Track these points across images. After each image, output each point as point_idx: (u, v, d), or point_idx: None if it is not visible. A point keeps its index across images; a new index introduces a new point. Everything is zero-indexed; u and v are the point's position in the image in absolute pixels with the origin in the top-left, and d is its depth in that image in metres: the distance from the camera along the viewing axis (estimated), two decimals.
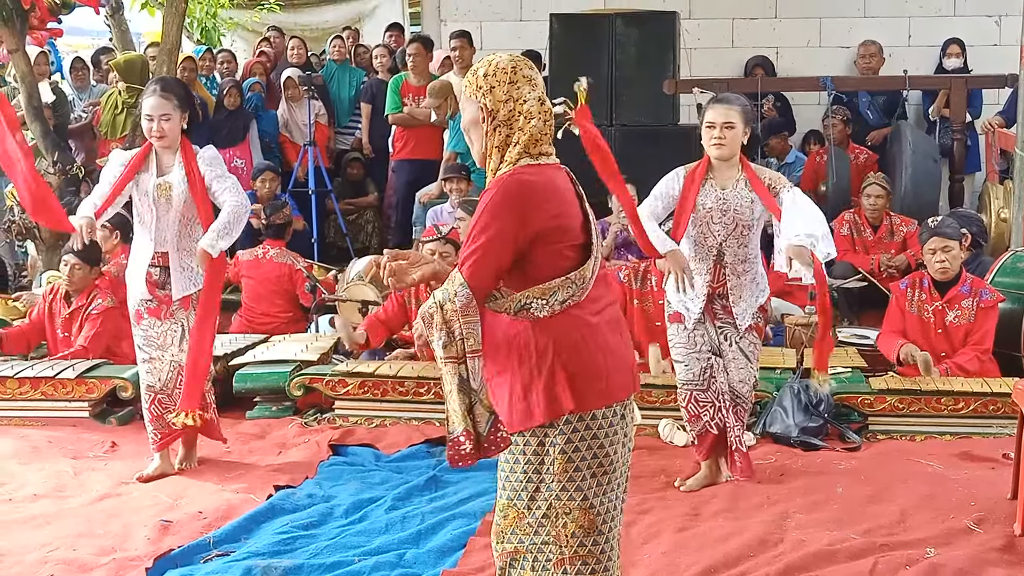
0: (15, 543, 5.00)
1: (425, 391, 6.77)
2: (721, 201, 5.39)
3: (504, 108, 3.28)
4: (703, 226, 5.43)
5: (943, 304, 6.94)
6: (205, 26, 14.50)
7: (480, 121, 3.31)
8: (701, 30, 12.07)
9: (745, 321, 5.46)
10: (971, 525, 4.95)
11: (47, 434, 6.72)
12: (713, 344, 5.50)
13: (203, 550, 4.91)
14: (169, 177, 5.83)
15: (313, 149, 10.74)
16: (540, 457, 3.32)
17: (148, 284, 5.83)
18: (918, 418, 6.42)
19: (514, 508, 3.37)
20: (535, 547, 3.36)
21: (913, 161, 9.66)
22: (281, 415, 7.04)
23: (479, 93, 3.30)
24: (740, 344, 5.50)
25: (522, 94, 3.29)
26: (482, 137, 3.34)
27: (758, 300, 5.52)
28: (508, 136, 3.29)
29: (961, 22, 12.07)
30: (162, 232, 5.83)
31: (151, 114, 5.81)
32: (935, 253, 6.91)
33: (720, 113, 5.41)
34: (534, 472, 3.34)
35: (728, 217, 5.38)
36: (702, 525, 5.10)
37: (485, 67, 3.33)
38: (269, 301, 8.60)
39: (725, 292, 5.45)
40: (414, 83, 10.79)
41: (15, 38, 9.54)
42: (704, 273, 5.45)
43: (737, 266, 5.44)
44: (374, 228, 11.50)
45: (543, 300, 3.25)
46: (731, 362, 5.51)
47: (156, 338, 5.90)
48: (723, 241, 5.41)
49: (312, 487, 5.76)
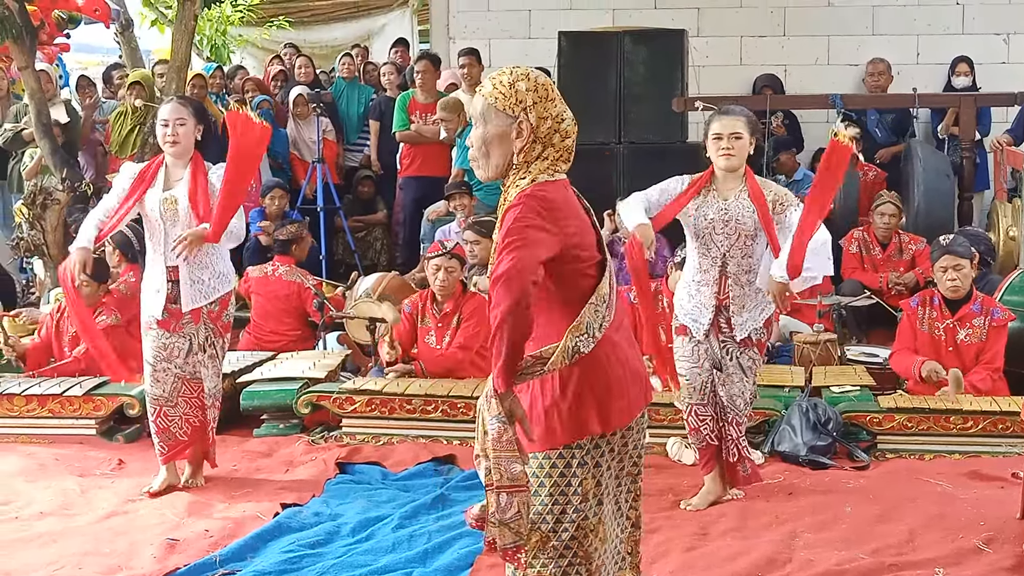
0: (21, 561, 5.00)
1: (433, 409, 6.76)
2: (723, 212, 5.39)
3: (544, 125, 3.24)
4: (706, 237, 5.44)
5: (954, 322, 6.91)
6: (215, 43, 14.58)
7: (512, 135, 3.24)
8: (709, 48, 12.06)
9: (742, 332, 5.45)
10: (980, 545, 4.93)
11: (54, 451, 6.72)
12: (715, 358, 5.50)
13: (209, 568, 4.90)
14: (175, 191, 5.84)
15: (322, 166, 10.74)
16: (567, 479, 3.28)
17: (165, 301, 5.84)
18: (927, 437, 6.39)
19: (538, 531, 3.30)
20: (560, 570, 3.31)
21: (926, 179, 9.64)
22: (288, 433, 7.03)
23: (518, 107, 3.23)
24: (740, 359, 5.50)
25: (560, 112, 3.26)
26: (508, 151, 3.26)
27: (763, 313, 5.50)
28: (541, 152, 3.25)
29: (970, 40, 12.05)
30: (171, 246, 5.83)
31: (167, 119, 5.84)
32: (946, 271, 6.88)
33: (727, 124, 5.43)
34: (559, 494, 3.29)
35: (730, 227, 5.39)
36: (710, 544, 5.08)
37: (524, 81, 3.25)
38: (278, 319, 8.60)
39: (729, 304, 5.45)
40: (421, 100, 10.80)
41: (25, 56, 9.57)
42: (710, 284, 5.45)
43: (741, 276, 5.44)
44: (382, 245, 11.51)
45: (584, 335, 3.21)
46: (730, 376, 5.50)
47: (163, 349, 5.91)
48: (727, 252, 5.42)
49: (319, 505, 5.75)
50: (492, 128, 3.26)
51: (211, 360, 6.00)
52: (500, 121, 3.25)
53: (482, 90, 3.30)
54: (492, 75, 3.32)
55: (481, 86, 3.32)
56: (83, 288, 7.34)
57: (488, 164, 3.31)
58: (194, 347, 5.93)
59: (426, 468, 6.30)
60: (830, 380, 7.01)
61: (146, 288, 5.98)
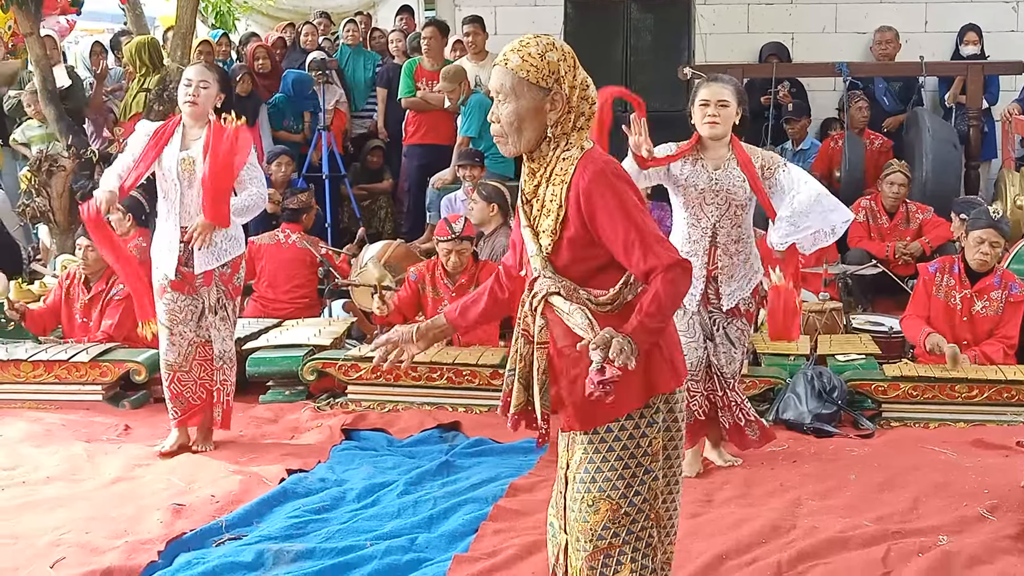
0: (28, 526, 5.01)
1: (438, 376, 6.78)
2: (713, 182, 5.34)
3: (575, 94, 3.15)
4: (696, 208, 5.38)
5: (972, 293, 6.86)
6: (219, 10, 14.51)
7: (546, 107, 3.13)
8: (716, 15, 12.01)
9: (730, 302, 5.41)
10: (984, 513, 4.93)
11: (60, 417, 6.75)
12: (706, 330, 5.48)
13: (215, 533, 4.93)
14: (193, 151, 5.84)
15: (327, 134, 10.72)
16: (636, 441, 3.19)
17: (177, 261, 5.86)
18: (932, 405, 6.40)
19: (607, 500, 3.20)
20: (633, 536, 3.23)
21: (933, 148, 9.62)
22: (294, 399, 7.06)
23: (551, 78, 3.12)
24: (727, 330, 5.46)
25: (584, 78, 3.18)
26: (542, 124, 3.15)
27: (750, 282, 5.47)
28: (575, 121, 3.16)
29: (978, 8, 11.98)
30: (187, 207, 5.86)
31: (191, 79, 5.87)
32: (982, 243, 6.81)
33: (714, 91, 5.38)
34: (629, 457, 3.20)
35: (720, 197, 5.34)
36: (714, 511, 5.10)
37: (552, 51, 3.14)
38: (288, 285, 8.59)
39: (718, 274, 5.42)
40: (428, 67, 10.75)
41: (30, 21, 9.55)
42: (700, 254, 5.39)
43: (730, 246, 5.40)
44: (387, 213, 11.48)
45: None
46: (718, 347, 5.48)
47: (178, 311, 5.94)
48: (716, 222, 5.36)
49: (324, 471, 5.77)
50: (525, 102, 3.13)
51: (223, 322, 6.03)
52: (533, 94, 3.12)
53: (507, 63, 3.15)
54: (514, 47, 3.17)
55: (503, 59, 3.18)
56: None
57: (520, 139, 3.18)
58: (206, 310, 5.96)
59: (431, 435, 6.32)
60: (835, 348, 7.02)
61: (157, 247, 5.99)
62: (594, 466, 3.21)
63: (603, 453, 3.20)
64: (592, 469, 3.21)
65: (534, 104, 3.13)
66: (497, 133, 3.22)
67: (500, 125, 3.19)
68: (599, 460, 3.20)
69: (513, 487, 5.38)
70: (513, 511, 5.07)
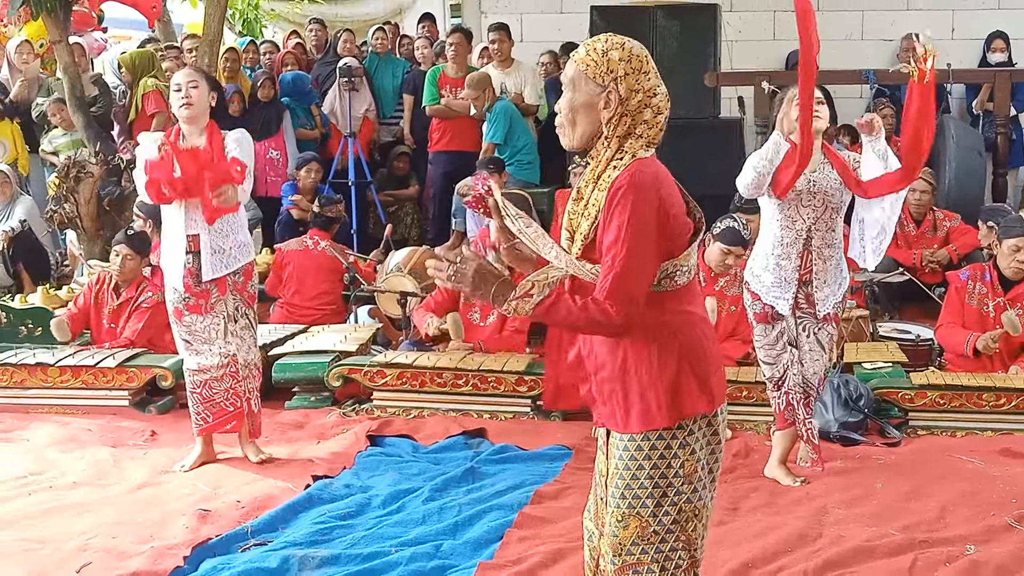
0: (55, 531, 5.04)
1: (463, 383, 6.78)
2: (811, 183, 5.33)
3: (635, 98, 3.12)
4: (792, 210, 5.37)
5: (1006, 301, 6.82)
6: (247, 18, 14.60)
7: (600, 105, 3.13)
8: (742, 23, 12.00)
9: (826, 308, 5.42)
10: (1012, 522, 4.90)
11: (87, 422, 6.78)
12: (791, 337, 5.46)
13: (241, 539, 4.94)
14: None
15: (354, 141, 10.75)
16: (667, 460, 3.17)
17: (186, 274, 5.77)
18: (959, 414, 6.36)
19: (636, 517, 3.18)
20: (662, 555, 3.21)
21: (957, 155, 9.58)
22: (319, 405, 7.06)
23: (608, 76, 3.11)
24: (818, 335, 5.46)
25: (652, 86, 3.15)
26: (595, 121, 3.15)
27: (842, 287, 5.49)
28: (631, 127, 3.13)
29: (1005, 15, 11.94)
30: (192, 213, 5.74)
31: (179, 82, 5.77)
32: (1018, 251, 6.78)
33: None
34: (660, 477, 3.17)
35: (818, 199, 5.34)
36: (740, 520, 5.08)
37: (617, 50, 3.13)
38: (314, 291, 8.61)
39: (811, 279, 5.40)
40: (452, 74, 10.79)
41: (59, 29, 9.60)
42: (793, 258, 5.38)
43: (824, 251, 5.39)
44: (413, 220, 11.51)
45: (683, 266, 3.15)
46: (807, 354, 5.46)
47: (201, 332, 5.86)
48: (812, 224, 5.36)
49: (350, 477, 5.77)
50: (580, 96, 3.14)
51: (245, 331, 5.92)
52: (589, 89, 3.13)
53: (575, 56, 3.19)
54: (587, 41, 3.21)
55: (575, 52, 3.22)
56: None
57: (574, 133, 3.19)
58: (228, 325, 5.86)
59: (456, 441, 6.32)
60: (862, 356, 6.98)
61: (166, 260, 5.89)
62: (624, 482, 3.20)
63: (633, 470, 3.19)
64: (622, 484, 3.20)
65: (588, 99, 3.14)
66: (559, 123, 3.23)
67: (561, 115, 3.22)
68: (629, 477, 3.19)
69: (538, 494, 5.37)
70: (538, 518, 5.06)
